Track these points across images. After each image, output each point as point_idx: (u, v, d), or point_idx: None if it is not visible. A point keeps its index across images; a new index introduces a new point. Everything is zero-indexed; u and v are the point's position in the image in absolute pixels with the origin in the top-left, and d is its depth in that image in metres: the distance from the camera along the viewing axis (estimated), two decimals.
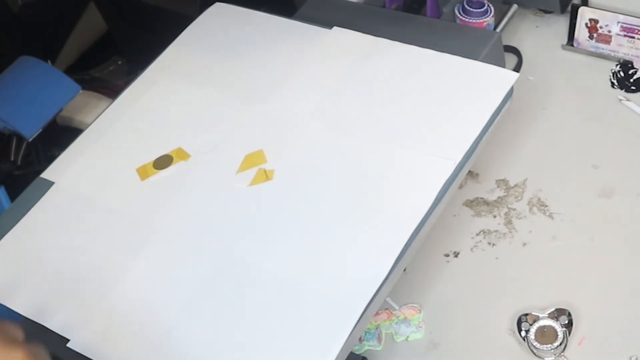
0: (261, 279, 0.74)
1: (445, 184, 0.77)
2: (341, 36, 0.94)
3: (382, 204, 0.77)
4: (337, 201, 0.79)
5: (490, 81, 0.85)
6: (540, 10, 1.15)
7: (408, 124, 0.84)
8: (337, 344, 0.68)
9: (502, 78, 0.85)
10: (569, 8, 1.07)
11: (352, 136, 0.84)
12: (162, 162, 0.86)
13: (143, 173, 0.86)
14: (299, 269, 0.74)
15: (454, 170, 0.79)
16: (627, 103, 1.02)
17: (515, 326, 0.82)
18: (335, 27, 0.95)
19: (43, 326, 0.76)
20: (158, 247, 0.79)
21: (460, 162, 0.79)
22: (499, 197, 0.96)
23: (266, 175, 0.82)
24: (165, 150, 0.88)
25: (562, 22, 1.11)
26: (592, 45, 1.07)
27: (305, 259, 0.75)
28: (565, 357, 0.80)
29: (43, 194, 0.87)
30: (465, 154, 0.79)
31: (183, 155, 0.87)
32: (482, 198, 0.96)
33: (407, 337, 0.86)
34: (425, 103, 0.85)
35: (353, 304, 0.70)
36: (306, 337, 0.69)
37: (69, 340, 0.74)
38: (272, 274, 0.74)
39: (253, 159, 0.84)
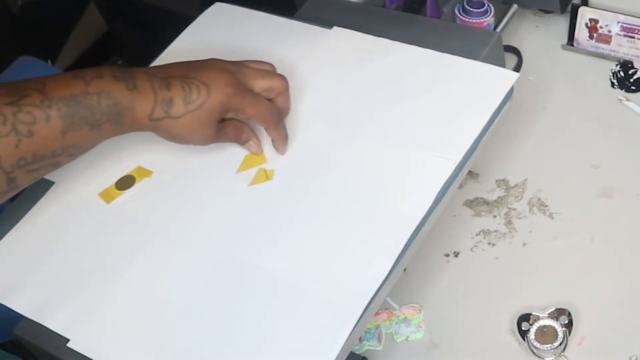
0: (261, 278, 0.74)
1: (445, 184, 0.77)
2: (341, 36, 0.94)
3: (381, 204, 0.77)
4: (337, 201, 0.79)
5: (490, 81, 0.85)
6: (540, 10, 1.15)
7: (408, 123, 0.84)
8: (338, 344, 0.68)
9: (502, 78, 0.85)
10: (569, 8, 1.07)
11: (351, 136, 0.84)
12: (125, 183, 0.85)
13: (107, 196, 0.85)
14: (298, 268, 0.74)
15: (454, 170, 0.79)
16: (627, 103, 1.02)
17: (515, 326, 0.82)
18: (335, 27, 0.95)
19: (43, 326, 0.76)
20: (158, 247, 0.79)
21: (460, 162, 0.79)
22: (499, 197, 0.96)
23: (266, 175, 0.82)
24: (164, 147, 0.88)
25: (562, 22, 1.11)
26: (592, 45, 1.07)
27: (304, 258, 0.75)
28: (565, 357, 0.80)
29: (43, 194, 0.87)
30: (465, 154, 0.79)
31: (146, 173, 0.86)
32: (482, 198, 0.96)
33: (407, 337, 0.86)
34: (425, 103, 0.85)
35: (353, 303, 0.70)
36: (306, 337, 0.69)
37: (69, 340, 0.74)
38: (272, 273, 0.74)
39: (253, 159, 0.84)
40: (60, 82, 0.72)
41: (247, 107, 0.79)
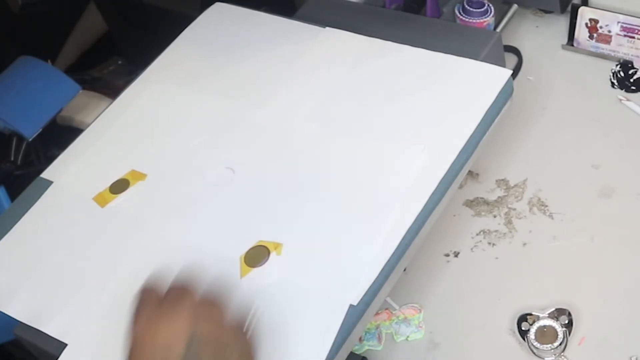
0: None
1: (441, 179, 0.77)
2: (333, 37, 0.94)
3: (359, 195, 0.78)
4: (319, 196, 0.79)
5: (483, 79, 0.85)
6: (540, 10, 1.15)
7: (399, 122, 0.83)
8: (327, 342, 0.68)
9: (495, 75, 0.85)
10: (569, 8, 1.07)
11: (336, 133, 0.84)
12: (119, 187, 0.85)
13: (101, 200, 0.85)
14: (286, 266, 0.74)
15: (454, 170, 0.78)
16: (627, 103, 1.02)
17: (515, 326, 0.82)
18: (327, 28, 0.95)
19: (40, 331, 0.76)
20: (153, 250, 0.79)
21: (459, 161, 0.79)
22: (499, 197, 0.96)
23: None
24: (161, 149, 0.88)
25: (562, 22, 1.11)
26: (592, 45, 1.07)
27: (293, 254, 0.75)
28: (565, 357, 0.80)
29: (43, 194, 0.87)
30: (463, 152, 0.79)
31: (140, 176, 0.86)
32: (482, 198, 0.96)
33: (407, 337, 0.86)
34: (418, 102, 0.85)
35: (339, 300, 0.70)
36: (298, 333, 0.69)
37: (66, 345, 0.74)
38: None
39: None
40: None
41: None
